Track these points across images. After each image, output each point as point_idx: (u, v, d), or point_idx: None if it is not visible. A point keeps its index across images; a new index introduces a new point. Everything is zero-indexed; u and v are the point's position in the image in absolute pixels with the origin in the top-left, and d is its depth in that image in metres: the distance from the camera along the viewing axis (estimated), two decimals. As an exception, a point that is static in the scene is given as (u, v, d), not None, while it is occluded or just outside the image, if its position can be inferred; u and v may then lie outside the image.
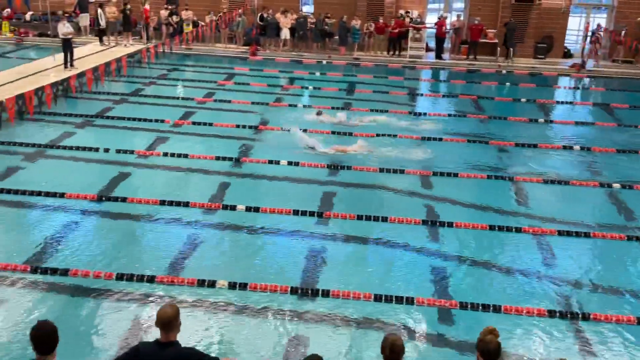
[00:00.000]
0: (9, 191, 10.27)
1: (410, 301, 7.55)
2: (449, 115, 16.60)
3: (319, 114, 15.18)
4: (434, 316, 7.36)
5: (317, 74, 21.02)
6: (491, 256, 8.90)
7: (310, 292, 7.69)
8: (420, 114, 16.53)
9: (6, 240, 8.96)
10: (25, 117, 14.27)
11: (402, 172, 11.91)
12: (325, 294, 7.65)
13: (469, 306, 7.51)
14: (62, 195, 10.18)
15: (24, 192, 10.22)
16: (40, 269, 7.91)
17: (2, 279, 7.72)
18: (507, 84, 20.63)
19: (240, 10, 24.23)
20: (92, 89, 16.95)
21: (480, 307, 7.50)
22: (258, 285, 7.74)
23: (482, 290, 7.98)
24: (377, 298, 7.59)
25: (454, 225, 9.68)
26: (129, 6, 22.79)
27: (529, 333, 7.13)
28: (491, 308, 7.49)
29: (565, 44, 24.63)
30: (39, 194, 10.19)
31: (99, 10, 22.44)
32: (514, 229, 9.66)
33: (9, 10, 25.39)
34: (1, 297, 7.38)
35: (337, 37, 23.68)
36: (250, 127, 14.43)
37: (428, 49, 24.41)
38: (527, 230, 9.64)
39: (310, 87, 19.09)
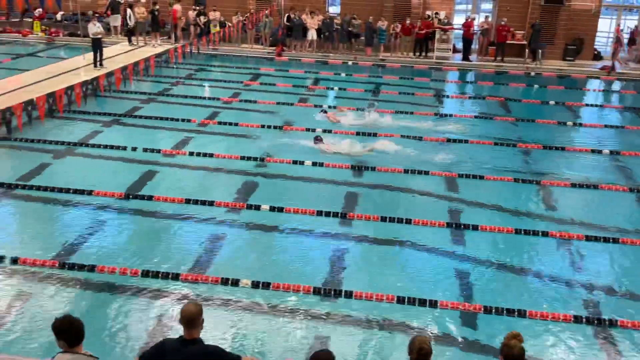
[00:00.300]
0: (38, 188, 10.48)
1: (433, 304, 7.51)
2: (476, 117, 16.45)
3: (324, 112, 15.27)
4: (457, 319, 7.30)
5: (343, 74, 21.03)
6: (516, 260, 8.80)
7: (332, 292, 7.70)
8: (446, 115, 16.43)
9: (35, 236, 9.13)
10: (56, 115, 14.54)
11: (426, 173, 11.84)
12: (348, 295, 7.65)
13: (493, 310, 7.44)
14: (90, 192, 10.35)
15: (53, 189, 10.41)
16: (68, 265, 8.06)
17: (31, 274, 7.88)
18: (536, 86, 20.36)
19: (267, 11, 24.35)
20: (120, 88, 17.20)
21: (505, 312, 7.42)
22: (281, 284, 7.77)
23: (506, 294, 7.90)
24: (400, 300, 7.56)
25: (479, 228, 9.59)
26: (157, 7, 23.10)
27: (554, 339, 7.03)
28: (516, 312, 7.41)
29: (595, 46, 24.23)
30: (67, 191, 10.37)
31: (128, 11, 22.78)
32: (540, 233, 9.53)
33: (40, 10, 25.90)
34: (30, 291, 7.54)
35: (363, 38, 23.66)
36: (275, 127, 14.49)
37: (455, 50, 24.23)
38: (554, 235, 9.50)
39: (336, 88, 19.10)
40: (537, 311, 7.42)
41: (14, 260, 8.10)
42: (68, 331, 4.18)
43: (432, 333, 7.00)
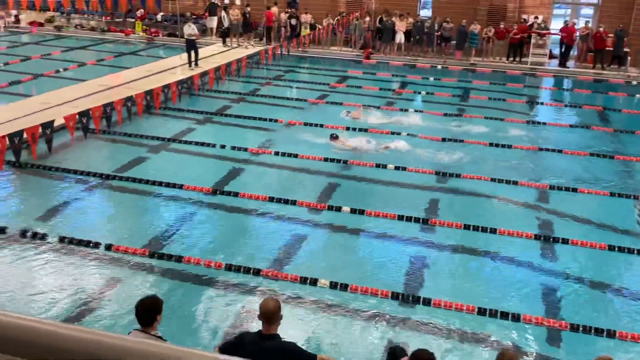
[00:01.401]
0: (134, 180, 11.04)
1: (516, 318, 7.25)
2: (571, 126, 15.73)
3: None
4: (541, 336, 7.01)
5: (431, 78, 20.71)
6: (608, 278, 8.32)
7: (411, 299, 7.60)
8: (538, 123, 15.82)
9: (129, 225, 9.63)
10: (152, 112, 15.25)
11: (515, 183, 11.43)
12: (427, 302, 7.52)
13: (581, 328, 7.08)
14: (180, 186, 10.78)
15: (147, 182, 10.93)
16: (157, 254, 8.43)
17: (123, 261, 8.31)
18: (637, 95, 19.19)
19: (357, 14, 24.42)
20: (213, 87, 17.79)
21: (593, 331, 7.05)
22: (359, 287, 7.76)
23: (596, 312, 7.49)
24: (481, 311, 7.35)
25: (570, 242, 9.16)
26: (248, 9, 23.76)
27: (648, 364, 6.60)
28: (605, 332, 7.01)
29: None
30: (160, 184, 10.86)
31: (223, 13, 23.56)
32: (636, 251, 8.97)
33: (142, 10, 27.28)
34: (120, 277, 7.95)
35: (454, 41, 23.22)
36: (359, 129, 14.48)
37: (551, 56, 23.27)
38: (651, 254, 8.91)
39: (423, 92, 18.85)
40: (629, 332, 6.98)
41: (108, 247, 8.58)
42: (140, 312, 4.46)
43: (513, 348, 6.76)
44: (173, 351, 1.28)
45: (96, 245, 8.63)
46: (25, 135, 11.24)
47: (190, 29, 19.18)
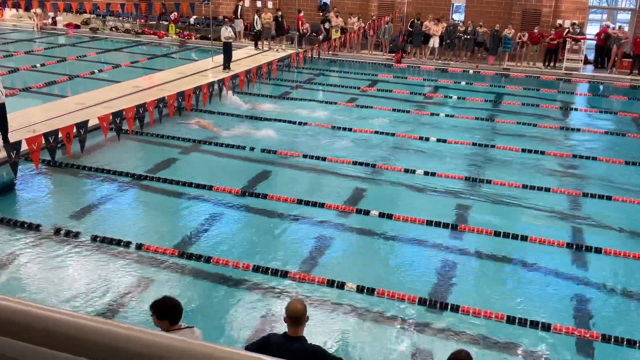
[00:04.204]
0: (165, 180, 11.18)
1: (546, 327, 7.12)
2: (606, 132, 15.42)
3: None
4: (572, 346, 6.87)
5: (463, 83, 20.54)
6: (643, 289, 8.12)
7: (438, 305, 7.53)
8: (573, 129, 15.54)
9: (159, 225, 9.75)
10: (183, 113, 15.42)
11: (547, 190, 11.24)
12: (455, 308, 7.44)
13: (612, 339, 6.92)
14: (210, 187, 10.88)
15: (177, 182, 11.06)
16: (186, 254, 8.52)
17: (154, 260, 8.42)
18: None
19: (387, 18, 24.34)
20: (243, 90, 17.91)
21: (625, 342, 6.88)
22: (386, 292, 7.72)
23: (629, 324, 7.31)
24: (510, 320, 7.24)
25: (603, 251, 8.96)
26: (279, 13, 23.89)
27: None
28: (638, 344, 6.84)
29: None
30: (190, 185, 10.98)
31: (256, 16, 23.75)
32: (672, 262, 8.74)
33: (175, 13, 27.63)
34: (150, 276, 8.05)
35: (487, 46, 22.98)
36: (388, 134, 14.43)
37: (587, 62, 22.85)
38: (688, 265, 8.67)
39: (455, 97, 18.68)
40: (664, 346, 6.80)
41: (139, 246, 8.70)
42: (174, 311, 4.49)
43: (542, 358, 6.64)
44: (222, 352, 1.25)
45: (127, 244, 8.76)
46: (60, 135, 11.46)
47: (227, 32, 19.42)
